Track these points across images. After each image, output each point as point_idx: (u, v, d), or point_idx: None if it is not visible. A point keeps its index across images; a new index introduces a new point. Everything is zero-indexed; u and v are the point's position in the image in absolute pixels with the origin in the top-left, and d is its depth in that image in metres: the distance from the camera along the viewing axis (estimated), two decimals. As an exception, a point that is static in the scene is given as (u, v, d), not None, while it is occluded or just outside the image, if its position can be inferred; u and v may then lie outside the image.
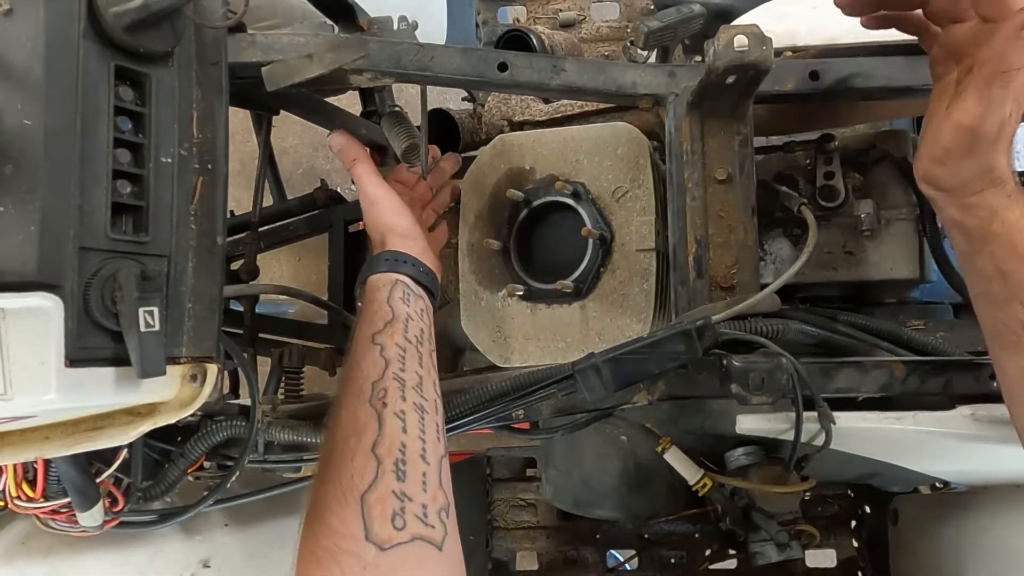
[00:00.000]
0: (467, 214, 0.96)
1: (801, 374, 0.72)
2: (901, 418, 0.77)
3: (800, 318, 0.81)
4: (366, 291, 0.74)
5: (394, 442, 0.58)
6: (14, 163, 0.48)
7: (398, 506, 0.55)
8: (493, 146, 0.96)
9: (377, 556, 0.52)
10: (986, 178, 0.62)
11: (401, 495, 0.56)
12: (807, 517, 1.05)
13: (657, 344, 0.72)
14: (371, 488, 0.55)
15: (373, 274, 0.75)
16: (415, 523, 0.55)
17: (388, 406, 0.61)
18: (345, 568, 0.52)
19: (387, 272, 0.75)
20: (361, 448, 0.58)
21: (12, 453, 0.56)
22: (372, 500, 0.55)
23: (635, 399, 0.81)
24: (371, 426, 0.59)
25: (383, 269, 0.75)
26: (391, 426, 0.59)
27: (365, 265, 0.78)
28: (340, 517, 0.55)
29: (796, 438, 0.79)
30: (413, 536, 0.54)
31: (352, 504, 0.55)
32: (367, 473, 0.56)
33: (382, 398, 0.61)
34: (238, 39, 0.73)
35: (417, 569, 0.54)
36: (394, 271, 0.75)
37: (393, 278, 0.74)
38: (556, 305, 0.91)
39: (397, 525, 0.54)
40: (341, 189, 1.34)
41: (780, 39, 0.73)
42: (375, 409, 0.61)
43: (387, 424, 0.59)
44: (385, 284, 0.73)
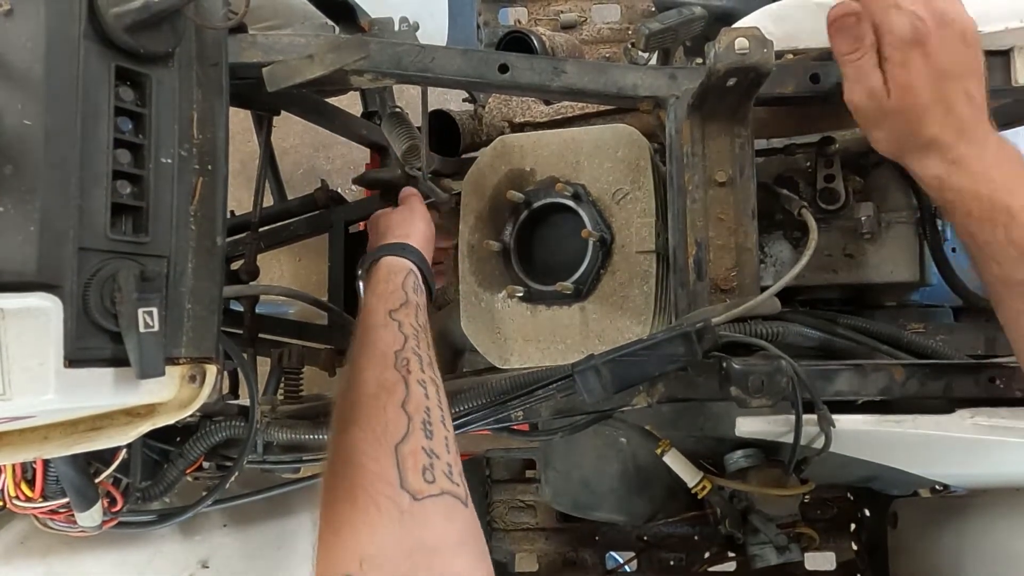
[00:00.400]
0: (467, 215, 0.96)
1: (801, 377, 0.72)
2: (901, 421, 0.77)
3: (800, 321, 0.81)
4: (381, 269, 0.77)
5: (420, 404, 0.61)
6: (14, 163, 0.48)
7: (427, 461, 0.57)
8: (494, 147, 0.96)
9: (411, 504, 0.54)
10: (913, 144, 0.68)
11: (430, 452, 0.57)
12: (806, 520, 1.05)
13: (657, 346, 0.72)
14: (404, 440, 0.57)
15: (392, 256, 0.79)
16: (443, 479, 0.56)
17: (412, 374, 0.63)
18: (383, 511, 0.54)
19: (405, 259, 0.79)
20: (392, 403, 0.60)
21: (11, 453, 0.56)
22: (405, 452, 0.56)
23: (634, 401, 0.81)
24: (400, 387, 0.62)
25: (402, 255, 0.79)
26: (416, 390, 0.62)
27: (380, 247, 0.81)
28: (376, 461, 0.56)
29: (796, 441, 0.79)
30: (442, 490, 0.56)
31: (387, 451, 0.56)
32: (400, 426, 0.58)
33: (406, 366, 0.64)
34: (239, 40, 0.73)
35: (447, 521, 0.55)
36: (411, 261, 0.79)
37: (409, 266, 0.79)
38: (556, 307, 0.91)
39: (427, 479, 0.56)
40: (341, 190, 1.34)
41: (781, 42, 0.73)
42: (401, 374, 0.63)
43: (413, 388, 0.62)
44: (402, 269, 0.77)
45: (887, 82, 0.67)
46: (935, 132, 0.66)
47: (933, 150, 0.67)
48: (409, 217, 0.88)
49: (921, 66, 0.65)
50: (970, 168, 0.66)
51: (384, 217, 0.89)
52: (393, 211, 0.90)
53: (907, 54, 0.65)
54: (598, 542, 1.47)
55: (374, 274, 0.78)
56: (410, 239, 0.83)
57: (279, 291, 1.08)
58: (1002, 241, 0.64)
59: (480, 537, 0.56)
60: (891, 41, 0.65)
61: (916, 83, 0.66)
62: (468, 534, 0.56)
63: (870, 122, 0.70)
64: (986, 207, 0.65)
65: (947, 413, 0.77)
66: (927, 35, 0.64)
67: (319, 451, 0.86)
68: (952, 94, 0.66)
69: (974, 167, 0.66)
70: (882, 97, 0.67)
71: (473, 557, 0.55)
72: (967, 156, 0.66)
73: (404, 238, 0.83)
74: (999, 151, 0.67)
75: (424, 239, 0.85)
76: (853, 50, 0.67)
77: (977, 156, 0.66)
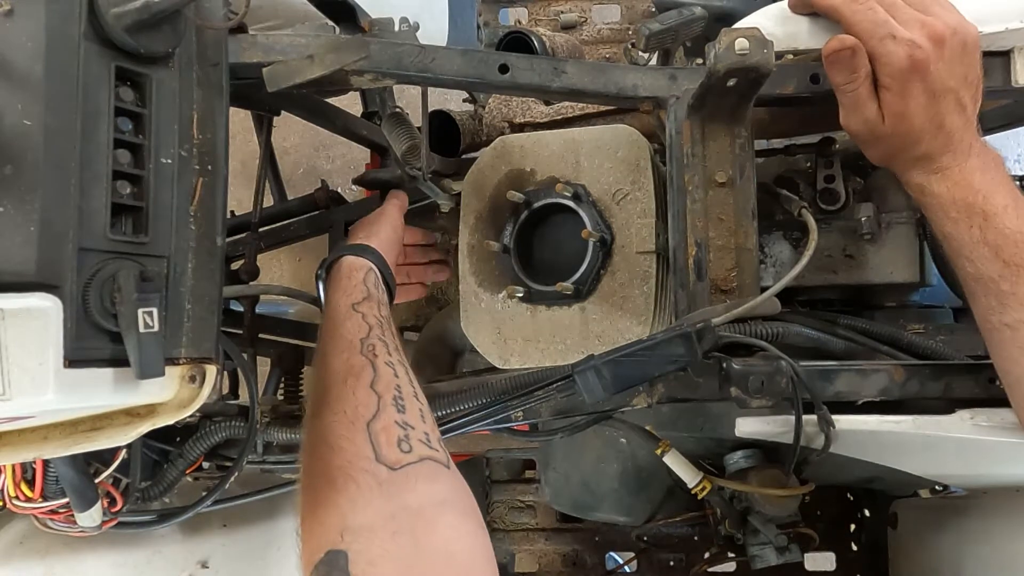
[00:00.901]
0: (467, 215, 0.96)
1: (800, 377, 0.72)
2: (900, 422, 0.77)
3: (800, 321, 0.81)
4: (341, 268, 0.79)
5: (390, 382, 0.61)
6: (14, 163, 0.48)
7: (402, 433, 0.57)
8: (494, 147, 0.96)
9: (390, 474, 0.54)
10: (903, 159, 0.71)
11: (403, 424, 0.58)
12: (806, 520, 1.05)
13: (657, 347, 0.72)
14: (375, 418, 0.58)
15: (351, 255, 0.80)
16: (420, 447, 0.57)
17: (379, 357, 0.64)
18: (361, 484, 0.54)
19: (364, 259, 0.80)
20: (360, 385, 0.61)
21: (11, 453, 0.56)
22: (377, 428, 0.57)
23: (634, 402, 0.81)
24: (367, 369, 0.62)
25: (362, 255, 0.81)
26: (385, 370, 0.63)
27: (338, 247, 0.83)
28: (350, 440, 0.57)
29: (796, 441, 0.79)
30: (421, 457, 0.56)
31: (360, 430, 0.57)
32: (370, 405, 0.59)
33: (372, 351, 0.65)
34: (239, 40, 0.73)
35: (431, 483, 0.55)
36: (370, 261, 0.81)
37: (368, 264, 0.80)
38: (556, 307, 0.91)
39: (403, 449, 0.56)
40: (342, 190, 1.34)
41: (781, 42, 0.73)
42: (367, 358, 0.64)
43: (380, 369, 0.63)
44: (361, 267, 0.79)
45: (882, 109, 0.68)
46: (924, 149, 0.69)
47: (921, 163, 0.70)
48: (375, 220, 0.90)
49: (918, 93, 0.67)
50: (952, 176, 0.69)
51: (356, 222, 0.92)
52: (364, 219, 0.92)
53: (904, 84, 0.66)
54: (598, 542, 1.47)
55: (335, 273, 0.79)
56: (370, 240, 0.84)
57: (279, 291, 1.07)
58: (976, 241, 0.67)
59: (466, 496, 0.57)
60: (888, 72, 0.66)
61: (911, 111, 0.67)
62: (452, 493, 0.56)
63: (864, 143, 0.73)
64: (963, 210, 0.68)
65: (947, 414, 0.77)
66: (925, 62, 0.65)
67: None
68: (944, 109, 0.67)
69: (955, 175, 0.69)
70: (877, 124, 0.69)
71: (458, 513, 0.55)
72: (951, 166, 0.69)
73: (365, 239, 0.84)
74: (981, 157, 0.69)
75: (386, 242, 0.86)
76: (849, 81, 0.68)
77: (960, 165, 0.69)
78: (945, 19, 0.66)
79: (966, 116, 0.69)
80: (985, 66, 0.72)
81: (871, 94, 0.68)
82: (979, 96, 0.70)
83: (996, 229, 0.67)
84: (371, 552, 0.50)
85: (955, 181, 0.68)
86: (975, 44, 0.68)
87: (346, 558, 0.50)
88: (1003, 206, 0.67)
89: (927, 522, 1.14)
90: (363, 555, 0.50)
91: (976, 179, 0.68)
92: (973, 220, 0.67)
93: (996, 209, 0.67)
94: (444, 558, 0.52)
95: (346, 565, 0.50)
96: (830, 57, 0.68)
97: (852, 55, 0.67)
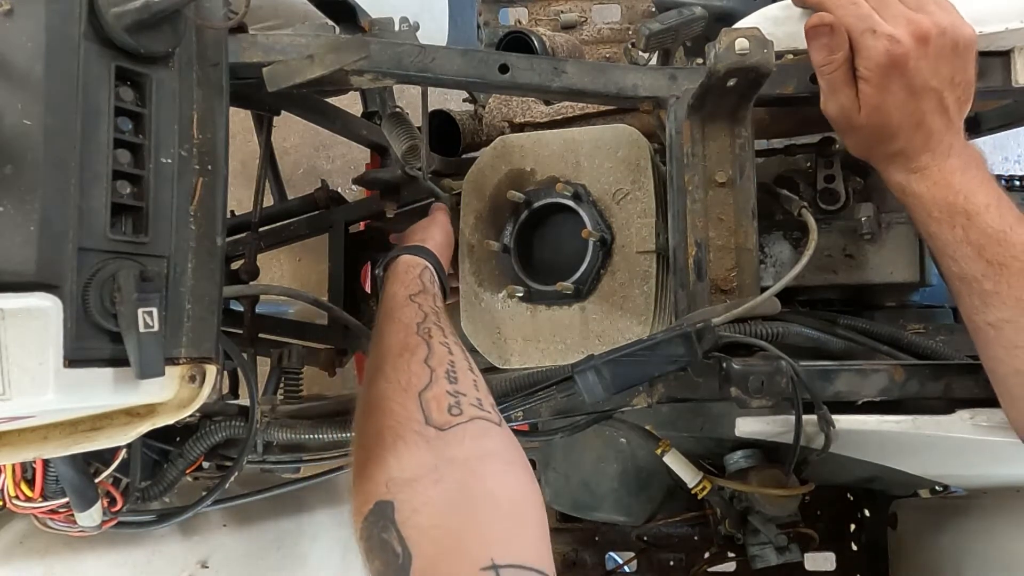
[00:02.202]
0: (467, 215, 0.96)
1: (800, 377, 0.72)
2: (900, 422, 0.77)
3: (800, 321, 0.81)
4: (399, 265, 0.81)
5: (443, 358, 0.63)
6: (14, 163, 0.48)
7: (453, 400, 0.59)
8: (494, 147, 0.96)
9: (438, 434, 0.56)
10: (880, 153, 0.71)
11: (455, 392, 0.60)
12: (806, 520, 1.05)
13: (657, 347, 0.72)
14: (427, 388, 0.60)
15: (409, 255, 0.83)
16: (471, 409, 0.58)
17: (434, 338, 0.66)
18: (409, 442, 0.56)
19: (421, 258, 0.83)
20: (415, 360, 0.63)
21: (11, 453, 0.56)
22: (428, 396, 0.59)
23: (634, 402, 0.81)
24: (422, 347, 0.65)
25: (417, 254, 0.83)
26: (439, 348, 0.65)
27: (398, 248, 0.85)
28: (402, 405, 0.59)
29: (796, 441, 0.79)
30: (471, 417, 0.58)
31: (412, 397, 0.59)
32: (423, 377, 0.61)
33: (427, 333, 0.67)
34: (239, 40, 0.73)
35: (480, 439, 0.57)
36: (425, 260, 0.83)
37: (424, 263, 0.82)
38: (556, 307, 0.91)
39: (453, 413, 0.58)
40: (342, 190, 1.34)
41: (781, 42, 0.73)
42: (423, 337, 0.66)
43: (435, 347, 0.65)
44: (418, 265, 0.81)
45: (860, 99, 0.68)
46: (901, 146, 0.69)
47: (899, 160, 0.70)
48: (428, 226, 0.92)
49: (897, 88, 0.67)
50: (932, 176, 0.69)
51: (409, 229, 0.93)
52: (419, 222, 0.94)
53: (883, 77, 0.66)
54: (598, 542, 1.47)
55: (393, 269, 0.82)
56: (425, 243, 0.86)
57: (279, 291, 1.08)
58: (960, 240, 0.68)
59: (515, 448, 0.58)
60: (866, 64, 0.67)
61: (888, 105, 0.67)
62: (500, 446, 0.57)
63: (841, 131, 0.74)
64: (945, 210, 0.68)
65: (947, 414, 0.77)
66: (904, 57, 0.65)
67: (319, 451, 0.86)
68: (925, 107, 0.67)
69: (935, 175, 0.69)
70: (853, 113, 0.69)
71: (504, 462, 0.56)
72: (930, 165, 0.69)
73: (421, 242, 0.86)
74: (961, 157, 0.69)
75: (440, 245, 0.89)
76: (826, 63, 0.69)
77: (939, 165, 0.69)
78: (936, 18, 0.66)
79: (948, 118, 0.68)
80: (985, 66, 0.72)
81: (848, 80, 0.68)
82: (968, 98, 0.70)
83: (978, 228, 0.67)
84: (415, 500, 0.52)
85: (935, 181, 0.68)
86: (968, 46, 0.68)
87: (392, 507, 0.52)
88: (984, 205, 0.67)
89: (927, 522, 1.14)
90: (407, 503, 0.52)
91: (956, 179, 0.68)
92: (956, 220, 0.67)
93: (978, 208, 0.67)
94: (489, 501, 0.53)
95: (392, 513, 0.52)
96: (809, 32, 0.68)
97: (831, 32, 0.67)
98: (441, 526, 0.51)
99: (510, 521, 0.53)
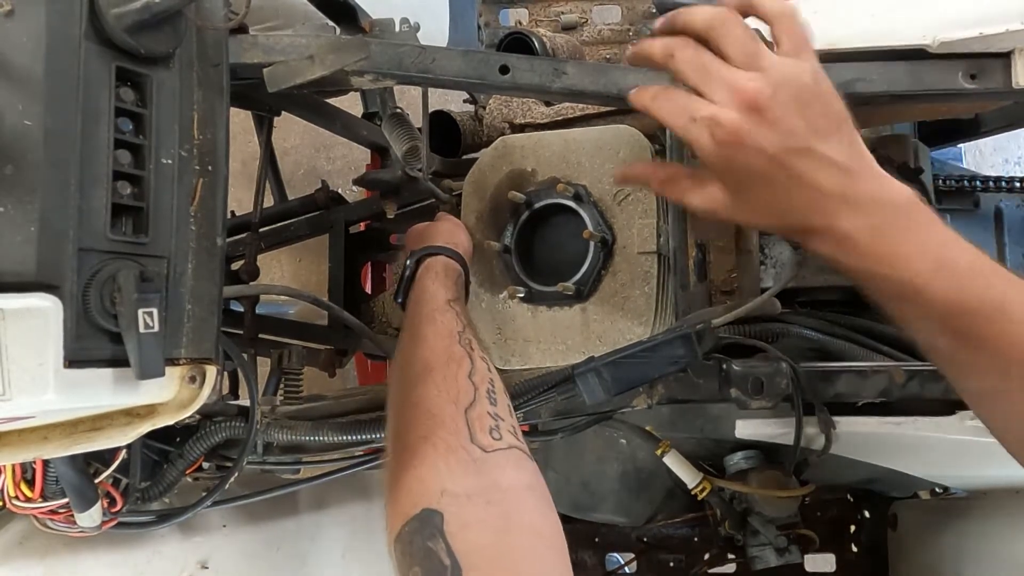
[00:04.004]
0: (468, 215, 0.96)
1: (801, 379, 0.72)
2: (901, 423, 0.77)
3: (800, 322, 0.81)
4: (439, 263, 0.82)
5: (484, 376, 0.64)
6: (14, 163, 0.48)
7: (493, 424, 0.60)
8: (495, 148, 0.96)
9: (483, 455, 0.57)
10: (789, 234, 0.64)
11: (495, 415, 0.61)
12: (806, 522, 1.05)
13: (657, 348, 0.72)
14: (471, 406, 0.61)
15: (448, 257, 0.83)
16: (509, 436, 0.59)
17: (475, 351, 0.67)
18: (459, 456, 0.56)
19: (457, 264, 0.83)
20: (462, 373, 0.63)
21: (10, 453, 0.56)
22: (473, 416, 0.60)
23: (635, 403, 0.81)
24: (466, 360, 0.65)
25: (455, 259, 0.83)
26: (480, 364, 0.65)
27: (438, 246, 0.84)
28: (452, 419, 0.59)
29: (796, 443, 0.79)
30: (510, 445, 0.59)
31: (460, 413, 0.60)
32: (469, 393, 0.62)
33: (469, 343, 0.68)
34: (240, 40, 0.73)
35: (517, 470, 0.58)
36: (461, 267, 0.83)
37: (459, 269, 0.83)
38: (557, 307, 0.91)
39: (495, 437, 0.59)
40: (342, 190, 1.34)
41: (782, 43, 0.73)
42: (465, 349, 0.67)
43: (477, 361, 0.65)
44: (455, 270, 0.82)
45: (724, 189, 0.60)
46: (799, 221, 0.58)
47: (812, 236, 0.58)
48: (456, 230, 0.91)
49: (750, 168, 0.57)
50: (858, 247, 0.56)
51: (430, 227, 0.92)
52: (439, 222, 0.93)
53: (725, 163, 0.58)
54: (598, 543, 1.47)
55: (432, 266, 0.81)
56: (458, 248, 0.86)
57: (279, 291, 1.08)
58: (917, 315, 0.57)
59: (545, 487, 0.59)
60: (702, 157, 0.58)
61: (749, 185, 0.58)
62: (536, 481, 0.58)
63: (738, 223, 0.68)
64: (892, 287, 0.57)
65: (947, 415, 0.77)
66: (735, 135, 0.56)
67: (319, 452, 0.86)
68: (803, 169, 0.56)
69: (861, 245, 0.56)
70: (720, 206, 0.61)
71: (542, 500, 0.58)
72: (849, 232, 0.56)
73: (455, 247, 0.86)
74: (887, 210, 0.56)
75: (467, 252, 0.89)
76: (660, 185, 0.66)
77: (860, 227, 0.56)
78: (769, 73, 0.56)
79: (843, 166, 0.56)
80: (985, 67, 0.72)
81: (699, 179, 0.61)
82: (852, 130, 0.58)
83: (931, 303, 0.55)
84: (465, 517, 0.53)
85: (863, 254, 0.56)
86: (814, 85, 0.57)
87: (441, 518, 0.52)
88: (933, 271, 0.55)
89: (927, 523, 1.14)
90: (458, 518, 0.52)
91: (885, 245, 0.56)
92: (905, 295, 0.56)
93: (925, 278, 0.55)
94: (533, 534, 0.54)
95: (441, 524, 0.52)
96: None
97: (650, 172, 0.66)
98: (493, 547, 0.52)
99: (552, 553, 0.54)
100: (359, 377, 1.76)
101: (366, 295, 1.32)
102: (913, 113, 0.90)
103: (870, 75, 0.75)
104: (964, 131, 1.16)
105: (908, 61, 0.75)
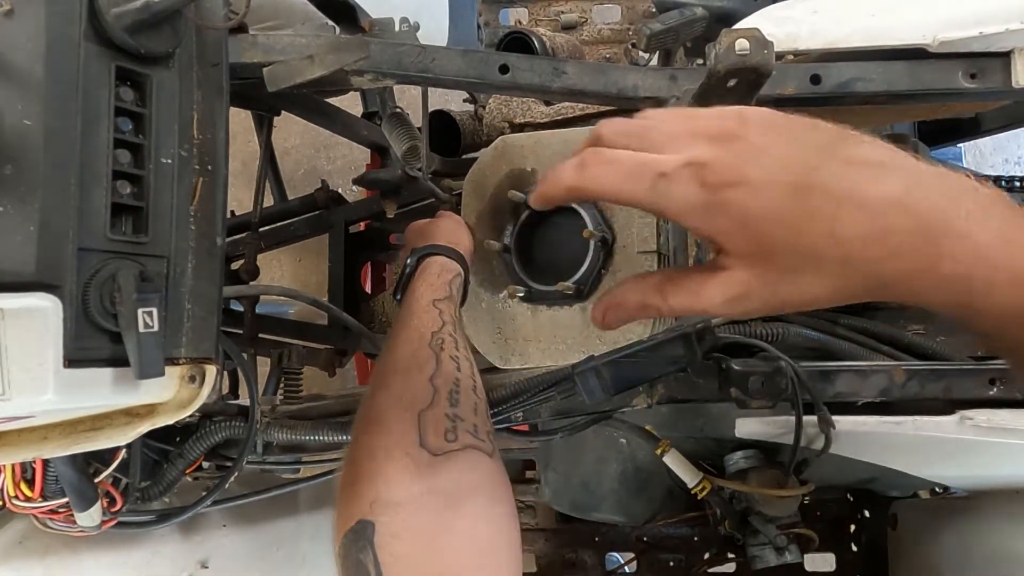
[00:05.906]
0: (468, 215, 0.96)
1: (800, 378, 0.72)
2: (901, 423, 0.77)
3: (800, 322, 0.81)
4: (435, 264, 0.81)
5: (449, 377, 0.63)
6: (14, 163, 0.48)
7: (450, 424, 0.58)
8: (495, 147, 0.96)
9: (430, 459, 0.56)
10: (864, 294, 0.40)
11: (453, 416, 0.59)
12: (806, 521, 1.05)
13: (657, 347, 0.72)
14: (427, 409, 0.59)
15: (445, 256, 0.82)
16: (466, 436, 0.58)
17: (445, 351, 0.66)
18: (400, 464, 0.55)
19: (455, 263, 0.82)
20: (421, 377, 0.62)
21: (10, 453, 0.56)
22: (428, 417, 0.59)
23: (634, 402, 0.81)
24: (431, 362, 0.64)
25: (454, 259, 0.82)
26: (447, 365, 0.64)
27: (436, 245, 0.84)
28: (399, 422, 0.58)
29: (796, 442, 0.79)
30: (465, 445, 0.57)
31: (410, 416, 0.59)
32: (424, 397, 0.60)
33: (440, 344, 0.66)
34: (239, 40, 0.73)
35: (469, 472, 0.56)
36: (459, 266, 0.82)
37: (458, 269, 0.82)
38: (557, 307, 0.91)
39: (449, 439, 0.57)
40: (342, 190, 1.34)
41: (781, 43, 0.73)
42: (433, 351, 0.66)
43: (444, 363, 0.64)
44: (450, 269, 0.81)
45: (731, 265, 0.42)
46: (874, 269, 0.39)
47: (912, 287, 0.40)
48: (457, 228, 0.91)
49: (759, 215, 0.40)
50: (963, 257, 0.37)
51: (431, 224, 0.91)
52: (441, 220, 0.92)
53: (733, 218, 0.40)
54: (598, 543, 1.47)
55: (428, 267, 0.81)
56: (459, 247, 0.86)
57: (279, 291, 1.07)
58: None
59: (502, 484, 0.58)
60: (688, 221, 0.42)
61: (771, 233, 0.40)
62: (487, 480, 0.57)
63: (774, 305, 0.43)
64: None
65: (947, 415, 0.77)
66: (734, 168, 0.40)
67: (319, 451, 0.86)
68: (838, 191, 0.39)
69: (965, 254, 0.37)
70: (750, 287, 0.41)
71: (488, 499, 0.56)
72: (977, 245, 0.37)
73: (455, 245, 0.85)
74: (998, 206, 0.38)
75: (468, 252, 0.88)
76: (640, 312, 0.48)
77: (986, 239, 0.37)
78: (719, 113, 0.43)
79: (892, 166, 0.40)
80: (985, 67, 0.72)
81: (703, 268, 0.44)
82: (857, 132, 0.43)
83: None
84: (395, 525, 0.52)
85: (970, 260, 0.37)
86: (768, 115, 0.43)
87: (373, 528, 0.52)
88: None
89: (927, 523, 1.14)
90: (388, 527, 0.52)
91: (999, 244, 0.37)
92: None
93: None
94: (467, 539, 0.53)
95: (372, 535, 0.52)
96: None
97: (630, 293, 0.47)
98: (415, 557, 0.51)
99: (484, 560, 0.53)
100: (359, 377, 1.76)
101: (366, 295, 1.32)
102: (913, 113, 0.90)
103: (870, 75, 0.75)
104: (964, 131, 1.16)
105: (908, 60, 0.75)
